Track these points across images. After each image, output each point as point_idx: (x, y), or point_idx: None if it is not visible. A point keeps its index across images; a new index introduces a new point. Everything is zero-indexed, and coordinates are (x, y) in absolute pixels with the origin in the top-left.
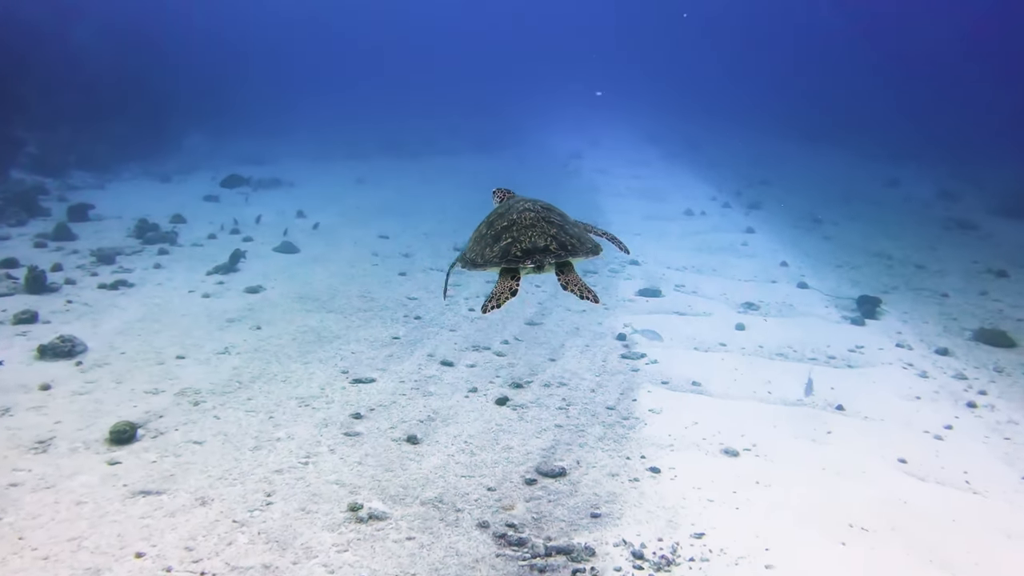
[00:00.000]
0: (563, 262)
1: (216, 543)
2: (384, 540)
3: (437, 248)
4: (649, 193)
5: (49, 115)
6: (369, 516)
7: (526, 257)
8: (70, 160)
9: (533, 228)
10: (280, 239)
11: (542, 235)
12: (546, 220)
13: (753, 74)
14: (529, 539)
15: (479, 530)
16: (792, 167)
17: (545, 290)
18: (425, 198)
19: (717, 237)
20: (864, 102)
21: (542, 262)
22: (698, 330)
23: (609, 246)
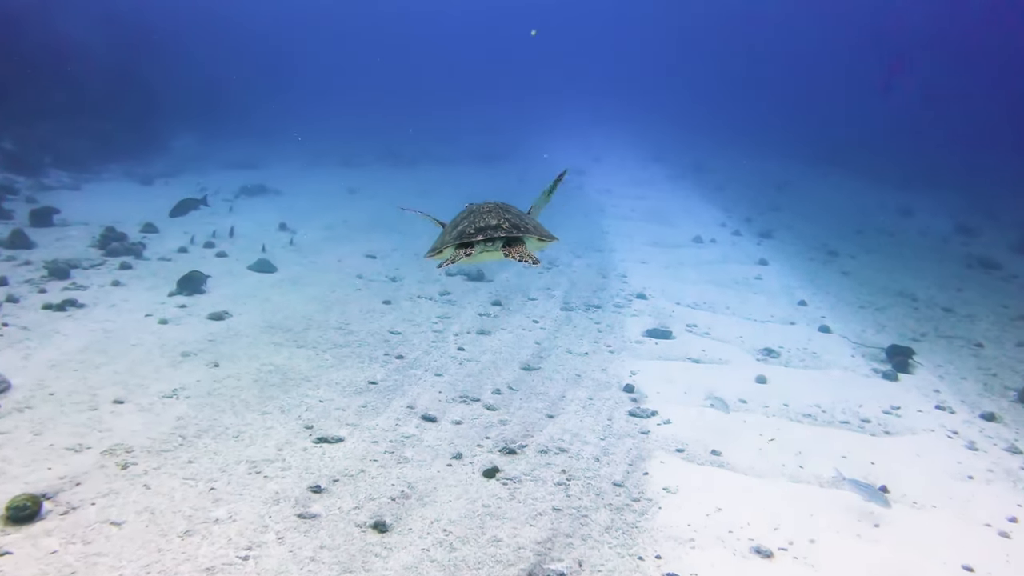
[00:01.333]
0: (513, 239)
1: None
2: None
3: (428, 271)
4: (655, 216)
5: (29, 108)
6: None
7: (478, 233)
8: (46, 158)
9: (488, 213)
10: (256, 255)
11: (495, 217)
12: (503, 209)
13: (758, 94)
14: None
15: None
16: (801, 192)
17: (544, 327)
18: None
19: (729, 269)
20: (871, 125)
21: (492, 236)
22: (715, 382)
23: (611, 266)
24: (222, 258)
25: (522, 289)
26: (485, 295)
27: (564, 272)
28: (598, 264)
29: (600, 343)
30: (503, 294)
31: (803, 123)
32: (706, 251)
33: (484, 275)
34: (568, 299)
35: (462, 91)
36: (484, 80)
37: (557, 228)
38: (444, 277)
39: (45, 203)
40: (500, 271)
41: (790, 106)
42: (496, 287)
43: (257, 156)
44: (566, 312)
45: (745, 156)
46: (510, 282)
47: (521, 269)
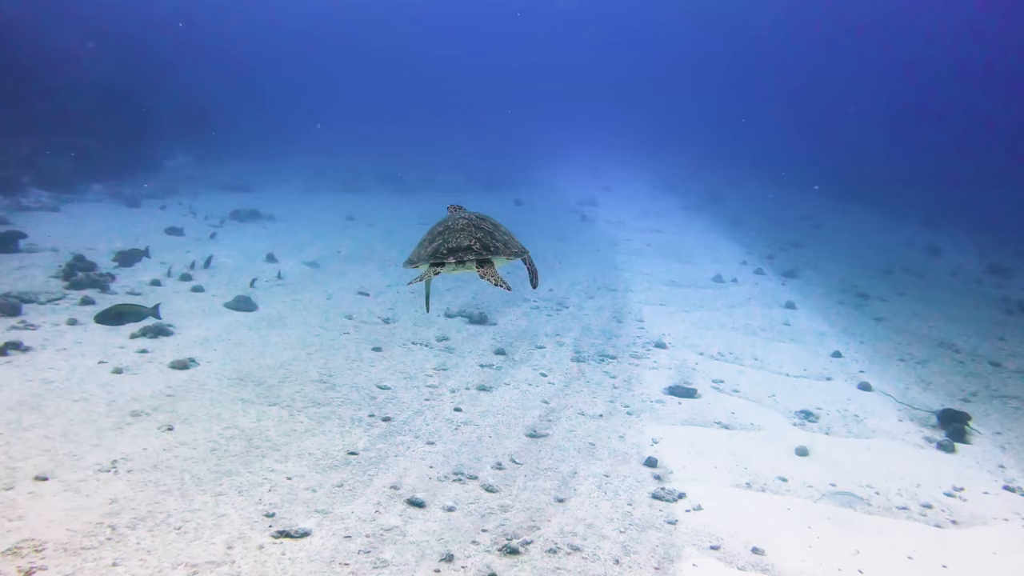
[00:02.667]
0: (484, 260)
1: None
2: None
3: (424, 314)
4: (672, 252)
5: (13, 123)
6: None
7: (450, 254)
8: (25, 177)
9: (461, 232)
10: (236, 290)
11: (468, 237)
12: (475, 227)
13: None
14: None
15: None
16: (823, 228)
17: (552, 382)
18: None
19: (754, 313)
20: (892, 161)
21: (463, 258)
22: (749, 453)
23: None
24: (198, 293)
25: (529, 335)
26: (488, 342)
27: (575, 315)
28: (612, 306)
29: (617, 402)
30: (508, 341)
31: (822, 155)
32: (728, 292)
33: (487, 318)
34: (580, 347)
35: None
36: (493, 106)
37: (568, 262)
38: (442, 319)
39: (18, 225)
40: (505, 314)
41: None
42: (500, 332)
43: (253, 178)
44: (578, 363)
45: (762, 187)
46: (516, 326)
47: (528, 311)
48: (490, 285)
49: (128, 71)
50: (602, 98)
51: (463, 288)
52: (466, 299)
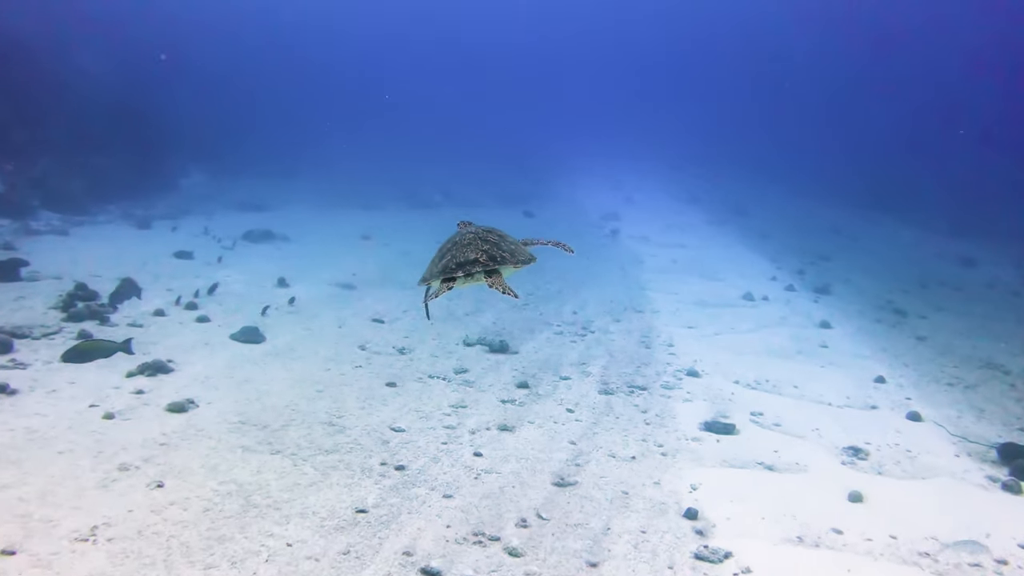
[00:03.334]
0: (492, 270)
1: None
2: None
3: (444, 339)
4: (698, 268)
5: (27, 144)
6: None
7: (459, 268)
8: (35, 200)
9: (469, 246)
10: (242, 320)
11: (475, 250)
12: (482, 239)
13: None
14: None
15: None
16: (852, 240)
17: (580, 418)
18: None
19: (788, 334)
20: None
21: (471, 271)
22: (797, 499)
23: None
24: (203, 323)
25: (553, 364)
26: (509, 373)
27: (601, 340)
28: (639, 329)
29: (649, 441)
30: (531, 371)
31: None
32: (759, 311)
33: (508, 346)
34: (607, 378)
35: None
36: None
37: (592, 281)
38: (461, 348)
39: (25, 250)
40: (527, 341)
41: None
42: (522, 361)
43: (270, 196)
44: (605, 396)
45: (786, 198)
46: (539, 354)
47: (552, 336)
48: (509, 307)
49: (143, 89)
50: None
51: (483, 312)
52: (486, 323)
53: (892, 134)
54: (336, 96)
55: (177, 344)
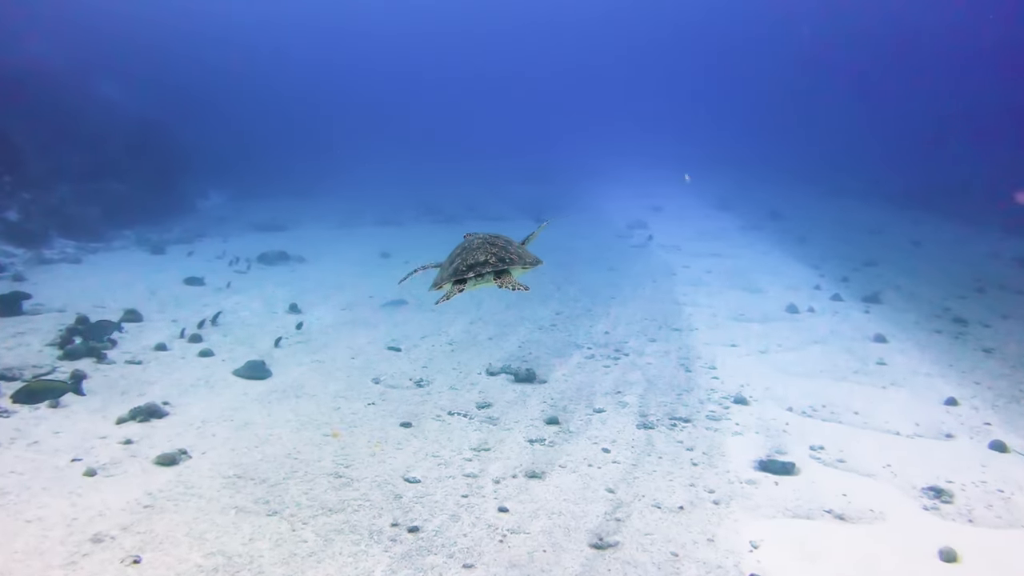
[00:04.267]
0: (501, 271)
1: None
2: None
3: (464, 369)
4: (735, 279)
5: (44, 173)
6: None
7: (469, 270)
8: (51, 228)
9: (477, 250)
10: (248, 353)
11: (484, 253)
12: (490, 243)
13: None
14: None
15: None
16: (895, 241)
17: (618, 460)
18: None
19: (841, 350)
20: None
21: (481, 272)
22: (877, 559)
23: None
24: (206, 358)
25: (585, 394)
26: (537, 407)
27: (636, 364)
28: (677, 350)
29: (698, 486)
30: (561, 404)
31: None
32: (805, 325)
33: (535, 375)
34: (646, 408)
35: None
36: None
37: (622, 296)
38: (484, 378)
39: (35, 280)
40: (555, 368)
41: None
42: (551, 392)
43: (288, 216)
44: (645, 431)
45: (822, 199)
46: (569, 383)
47: (583, 361)
48: (535, 327)
49: (162, 114)
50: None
51: (507, 336)
52: (511, 349)
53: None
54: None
55: (176, 382)
